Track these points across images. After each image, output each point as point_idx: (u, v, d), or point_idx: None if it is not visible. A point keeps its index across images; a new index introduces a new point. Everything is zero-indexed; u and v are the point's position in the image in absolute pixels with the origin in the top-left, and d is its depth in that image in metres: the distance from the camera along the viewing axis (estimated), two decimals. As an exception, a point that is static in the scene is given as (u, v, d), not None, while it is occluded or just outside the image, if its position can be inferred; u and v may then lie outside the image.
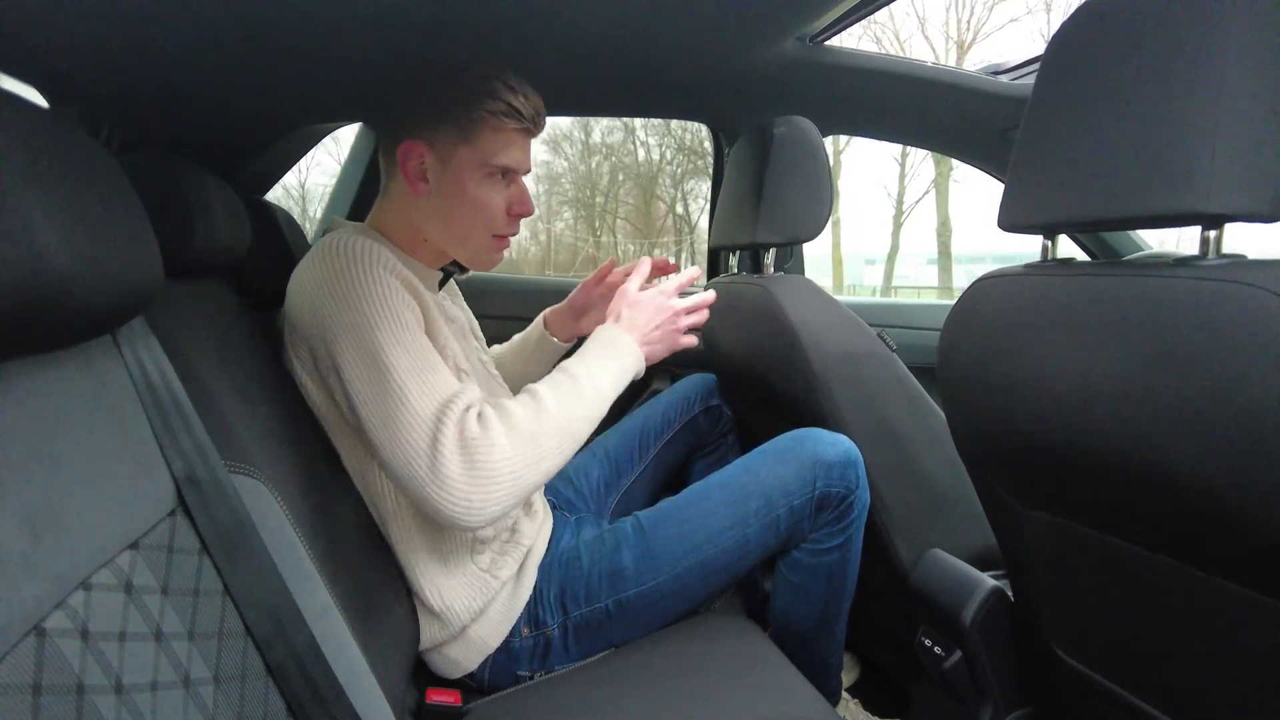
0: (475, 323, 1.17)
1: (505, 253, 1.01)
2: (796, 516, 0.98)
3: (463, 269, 1.08)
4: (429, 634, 0.93)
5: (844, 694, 1.19)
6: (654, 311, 0.94)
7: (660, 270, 1.19)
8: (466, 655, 0.95)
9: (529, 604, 0.98)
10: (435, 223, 0.95)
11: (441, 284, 1.04)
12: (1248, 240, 0.69)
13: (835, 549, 1.00)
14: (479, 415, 0.80)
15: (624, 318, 0.94)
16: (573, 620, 0.97)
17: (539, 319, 1.32)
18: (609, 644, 0.98)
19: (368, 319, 0.81)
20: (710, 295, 0.99)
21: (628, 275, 1.33)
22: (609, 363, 0.89)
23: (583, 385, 0.86)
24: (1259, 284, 0.49)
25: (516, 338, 1.34)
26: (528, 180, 0.99)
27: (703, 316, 0.98)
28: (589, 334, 1.38)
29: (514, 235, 0.99)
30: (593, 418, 0.86)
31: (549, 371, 1.31)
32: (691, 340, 0.98)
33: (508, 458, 0.77)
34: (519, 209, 0.96)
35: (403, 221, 0.96)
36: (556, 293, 1.87)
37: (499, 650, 0.96)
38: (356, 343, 0.81)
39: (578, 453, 1.00)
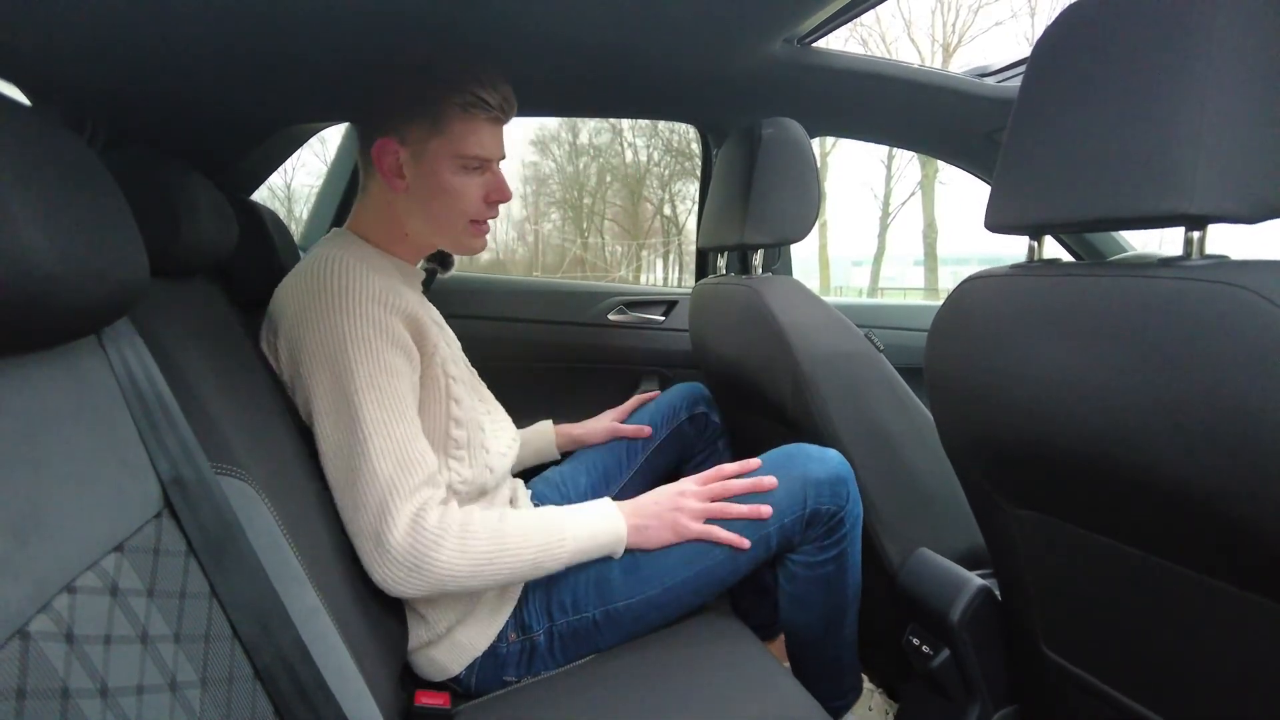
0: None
1: (494, 255, 1.04)
2: (787, 533, 0.97)
3: (445, 267, 1.08)
4: (414, 634, 0.93)
5: (869, 685, 1.19)
6: (665, 495, 0.97)
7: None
8: (452, 658, 0.94)
9: (515, 609, 0.97)
10: (416, 216, 0.97)
11: (426, 285, 1.04)
12: (1234, 242, 0.70)
13: (830, 560, 1.00)
14: (441, 503, 0.84)
15: (640, 498, 0.98)
16: (559, 627, 0.96)
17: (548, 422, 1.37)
18: (595, 650, 0.98)
19: (349, 358, 0.83)
20: (741, 484, 0.97)
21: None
22: (589, 523, 0.92)
23: (549, 530, 0.89)
24: (1243, 284, 0.49)
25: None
26: (510, 174, 1.01)
27: (724, 509, 0.96)
28: (583, 447, 1.40)
29: (493, 219, 1.02)
30: (539, 563, 0.88)
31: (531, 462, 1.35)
32: (706, 530, 0.95)
33: (446, 560, 0.81)
34: (495, 195, 0.98)
35: (383, 218, 0.98)
36: (545, 293, 1.88)
37: (485, 655, 0.95)
38: (333, 382, 0.83)
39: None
